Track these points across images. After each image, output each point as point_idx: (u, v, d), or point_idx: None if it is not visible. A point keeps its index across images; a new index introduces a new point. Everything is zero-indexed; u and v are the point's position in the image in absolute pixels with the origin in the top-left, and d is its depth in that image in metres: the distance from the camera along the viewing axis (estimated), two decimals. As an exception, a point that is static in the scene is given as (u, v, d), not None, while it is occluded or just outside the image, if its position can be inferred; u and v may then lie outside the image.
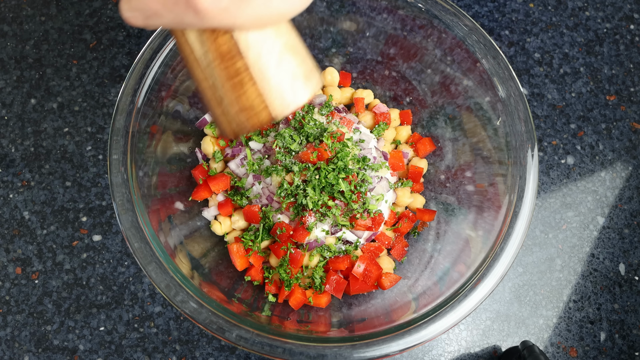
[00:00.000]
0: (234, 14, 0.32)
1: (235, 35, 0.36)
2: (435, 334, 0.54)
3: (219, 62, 0.37)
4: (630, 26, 0.87)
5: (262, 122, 0.39)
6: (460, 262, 0.61)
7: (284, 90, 0.38)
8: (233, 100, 0.39)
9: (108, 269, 0.75)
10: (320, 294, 0.66)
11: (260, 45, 0.37)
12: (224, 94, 0.39)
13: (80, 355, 0.72)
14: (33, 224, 0.76)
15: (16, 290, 0.74)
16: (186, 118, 0.70)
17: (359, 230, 0.65)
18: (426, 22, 0.65)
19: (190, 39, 0.37)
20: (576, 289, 0.76)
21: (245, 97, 0.38)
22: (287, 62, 0.38)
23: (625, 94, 0.84)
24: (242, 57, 0.36)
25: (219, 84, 0.39)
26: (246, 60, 0.37)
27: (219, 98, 0.40)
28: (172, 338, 0.72)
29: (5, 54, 0.83)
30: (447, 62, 0.67)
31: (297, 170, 0.63)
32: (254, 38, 0.36)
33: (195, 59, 0.38)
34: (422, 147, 0.73)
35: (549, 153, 0.81)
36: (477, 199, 0.66)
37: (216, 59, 0.37)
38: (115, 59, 0.82)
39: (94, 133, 0.80)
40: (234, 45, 0.36)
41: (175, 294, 0.54)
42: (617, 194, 0.80)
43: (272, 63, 0.37)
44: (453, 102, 0.69)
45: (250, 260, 0.67)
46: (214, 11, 0.32)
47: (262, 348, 0.52)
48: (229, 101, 0.39)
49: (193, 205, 0.69)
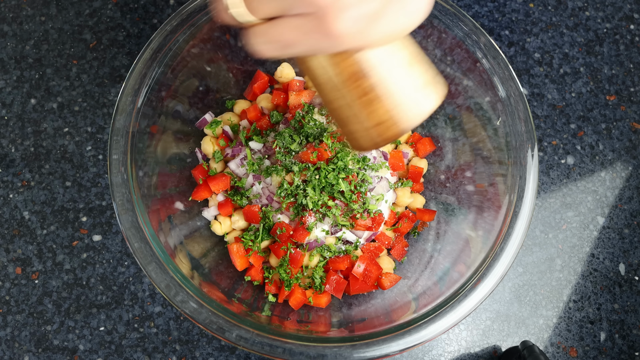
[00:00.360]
0: (366, 35, 0.34)
1: (363, 55, 0.37)
2: (435, 334, 0.54)
3: (348, 83, 0.39)
4: (630, 26, 0.87)
5: (394, 135, 0.41)
6: (460, 262, 0.61)
7: (411, 102, 0.39)
8: (364, 117, 0.40)
9: (108, 269, 0.75)
10: (320, 294, 0.66)
11: (386, 61, 0.38)
12: (355, 112, 0.40)
13: (80, 355, 0.72)
14: (33, 224, 0.76)
15: (16, 290, 0.74)
16: (186, 118, 0.70)
17: (359, 230, 0.65)
18: (426, 22, 0.65)
19: (319, 63, 0.39)
20: (576, 289, 0.76)
21: (375, 113, 0.39)
22: (411, 73, 0.39)
23: (625, 94, 0.84)
24: (370, 76, 0.38)
25: (349, 103, 0.40)
26: (374, 79, 0.38)
27: (350, 116, 0.41)
28: (172, 338, 0.72)
29: (5, 54, 0.83)
30: (447, 62, 0.67)
31: (297, 170, 0.63)
32: (379, 55, 0.37)
33: (324, 82, 0.40)
34: (422, 147, 0.73)
35: (549, 153, 0.81)
36: (477, 199, 0.66)
37: (345, 80, 0.38)
38: (115, 59, 0.82)
39: (94, 133, 0.80)
40: (361, 66, 0.37)
41: (175, 294, 0.54)
42: (617, 194, 0.80)
43: (397, 78, 0.38)
44: (453, 102, 0.69)
45: (250, 260, 0.67)
46: (347, 35, 0.33)
47: (262, 348, 0.52)
48: (361, 118, 0.40)
49: (193, 205, 0.69)
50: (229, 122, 0.72)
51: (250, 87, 0.75)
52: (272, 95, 0.72)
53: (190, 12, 0.62)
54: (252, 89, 0.74)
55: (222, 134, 0.72)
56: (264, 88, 0.75)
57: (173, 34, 0.62)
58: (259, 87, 0.74)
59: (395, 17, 0.34)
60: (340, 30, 0.33)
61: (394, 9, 0.34)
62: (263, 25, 0.35)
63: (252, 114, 0.71)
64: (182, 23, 0.62)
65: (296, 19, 0.33)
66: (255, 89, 0.74)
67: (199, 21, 0.63)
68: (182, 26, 0.62)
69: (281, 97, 0.71)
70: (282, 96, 0.72)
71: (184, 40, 0.62)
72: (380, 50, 0.37)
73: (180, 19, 0.62)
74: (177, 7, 0.85)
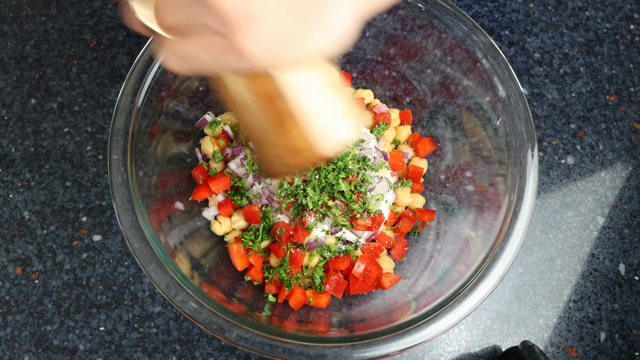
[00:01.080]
0: (276, 55, 0.31)
1: (276, 75, 0.35)
2: (435, 334, 0.54)
3: (257, 102, 0.37)
4: (630, 26, 0.87)
5: (306, 161, 0.39)
6: (460, 262, 0.61)
7: (326, 128, 0.38)
8: (275, 139, 0.38)
9: (108, 269, 0.75)
10: (320, 294, 0.66)
11: (299, 83, 0.36)
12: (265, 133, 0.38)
13: (80, 355, 0.72)
14: (33, 224, 0.76)
15: (16, 290, 0.74)
16: (186, 118, 0.70)
17: (359, 230, 0.65)
18: (426, 22, 0.65)
19: (228, 80, 0.37)
20: (576, 289, 0.76)
21: (286, 135, 0.37)
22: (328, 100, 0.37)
23: (625, 94, 0.84)
24: (281, 96, 0.36)
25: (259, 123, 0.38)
26: (287, 101, 0.36)
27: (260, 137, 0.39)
28: (172, 338, 0.72)
29: (5, 54, 0.83)
30: (447, 62, 0.67)
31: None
32: (292, 77, 0.35)
33: (235, 101, 0.38)
34: (422, 147, 0.73)
35: (549, 153, 0.81)
36: (477, 199, 0.66)
37: (255, 98, 0.36)
38: (115, 59, 0.82)
39: (94, 133, 0.80)
40: (272, 85, 0.35)
41: (175, 294, 0.54)
42: (617, 194, 0.80)
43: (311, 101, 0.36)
44: (453, 102, 0.69)
45: (250, 260, 0.67)
46: (256, 53, 0.30)
47: (262, 348, 0.52)
48: (271, 140, 0.39)
49: (193, 205, 0.69)
50: (229, 122, 0.72)
51: (250, 87, 0.75)
52: (272, 95, 0.72)
53: (190, 12, 0.62)
54: (252, 89, 0.74)
55: (222, 134, 0.72)
56: (264, 88, 0.75)
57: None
58: (259, 87, 0.74)
59: (312, 37, 0.31)
60: (250, 49, 0.30)
61: (311, 29, 0.31)
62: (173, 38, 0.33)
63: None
64: (182, 23, 0.62)
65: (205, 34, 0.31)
66: (255, 89, 0.74)
67: (199, 21, 0.63)
68: (182, 26, 0.62)
69: (281, 97, 0.71)
70: (282, 96, 0.71)
71: (184, 40, 0.62)
72: (297, 73, 0.35)
73: (180, 19, 0.62)
74: (177, 7, 0.85)
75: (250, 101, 0.37)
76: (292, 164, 0.39)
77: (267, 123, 0.37)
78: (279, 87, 0.35)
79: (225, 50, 0.31)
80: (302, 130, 0.37)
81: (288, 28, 0.30)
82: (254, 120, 0.38)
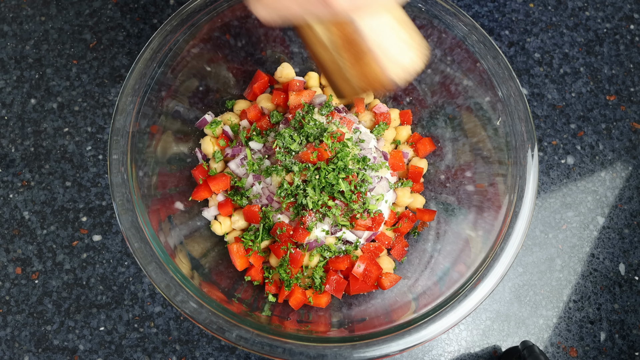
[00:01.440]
0: (359, 4, 0.38)
1: (357, 20, 0.42)
2: (435, 334, 0.54)
3: (342, 44, 0.45)
4: (630, 26, 0.87)
5: (380, 82, 0.47)
6: (460, 262, 0.61)
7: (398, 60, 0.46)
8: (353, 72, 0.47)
9: (108, 269, 0.75)
10: (320, 294, 0.66)
11: (377, 26, 0.43)
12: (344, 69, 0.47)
13: (80, 355, 0.72)
14: (33, 224, 0.76)
15: (16, 290, 0.74)
16: (186, 118, 0.70)
17: (359, 230, 0.65)
18: (426, 22, 0.65)
19: (316, 26, 0.45)
20: (576, 289, 0.76)
21: (364, 65, 0.46)
22: (399, 36, 0.45)
23: (625, 94, 0.84)
24: (362, 38, 0.43)
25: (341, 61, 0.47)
26: (366, 41, 0.43)
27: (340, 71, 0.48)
28: (172, 338, 0.72)
29: (5, 54, 0.83)
30: (447, 62, 0.67)
31: (297, 170, 0.63)
32: (372, 21, 0.43)
33: (320, 42, 0.46)
34: (422, 147, 0.73)
35: (549, 153, 0.81)
36: (477, 199, 0.66)
37: (340, 41, 0.45)
38: (115, 59, 0.82)
39: (94, 133, 0.80)
40: (353, 28, 0.43)
41: (175, 294, 0.54)
42: (617, 194, 0.80)
43: (387, 40, 0.44)
44: (453, 102, 0.69)
45: (250, 260, 0.67)
46: (342, 2, 0.37)
47: (262, 348, 0.52)
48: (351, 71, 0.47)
49: (193, 205, 0.69)
50: (229, 122, 0.72)
51: (250, 87, 0.75)
52: (272, 95, 0.72)
53: (190, 12, 0.62)
54: (252, 89, 0.74)
55: (222, 134, 0.72)
56: (264, 88, 0.75)
57: (173, 34, 0.62)
58: (259, 87, 0.74)
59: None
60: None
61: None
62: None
63: (252, 114, 0.71)
64: (182, 23, 0.62)
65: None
66: (255, 89, 0.74)
67: (199, 21, 0.63)
68: (182, 26, 0.62)
69: (281, 97, 0.71)
70: (282, 96, 0.72)
71: (184, 40, 0.63)
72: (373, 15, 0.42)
73: (180, 19, 0.62)
74: (177, 7, 0.85)
75: (331, 42, 0.45)
76: (369, 87, 0.49)
77: (346, 59, 0.46)
78: (358, 29, 0.43)
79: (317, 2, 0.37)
80: (376, 62, 0.45)
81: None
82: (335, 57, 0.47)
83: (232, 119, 0.72)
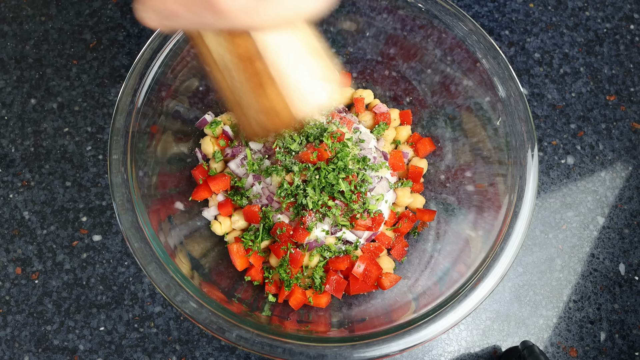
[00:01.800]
0: (253, 14, 0.31)
1: (254, 35, 0.35)
2: (435, 334, 0.54)
3: (237, 63, 0.37)
4: (630, 26, 0.87)
5: (282, 122, 0.39)
6: (460, 262, 0.61)
7: (303, 90, 0.38)
8: (253, 100, 0.39)
9: (108, 269, 0.75)
10: (320, 294, 0.66)
11: (279, 45, 0.36)
12: (243, 95, 0.39)
13: (80, 355, 0.72)
14: (33, 224, 0.76)
15: (16, 290, 0.74)
16: (186, 118, 0.70)
17: (359, 230, 0.65)
18: (426, 22, 0.65)
19: (208, 40, 0.37)
20: (576, 289, 0.76)
21: (264, 97, 0.38)
22: (306, 62, 0.38)
23: (625, 94, 0.84)
24: (260, 58, 0.36)
25: (238, 85, 0.38)
26: (265, 61, 0.36)
27: (238, 98, 0.39)
28: (172, 338, 0.72)
29: (5, 54, 0.83)
30: (447, 62, 0.67)
31: (297, 170, 0.63)
32: (272, 39, 0.36)
33: (214, 60, 0.38)
34: (422, 147, 0.73)
35: (549, 153, 0.81)
36: (477, 199, 0.66)
37: (235, 60, 0.37)
38: (115, 59, 0.82)
39: (94, 133, 0.80)
40: (252, 46, 0.35)
41: (175, 294, 0.54)
42: (617, 194, 0.80)
43: (290, 63, 0.37)
44: (453, 102, 0.69)
45: (250, 260, 0.67)
46: (233, 11, 0.31)
47: (262, 348, 0.52)
48: (249, 102, 0.39)
49: (193, 205, 0.69)
50: (229, 122, 0.72)
51: (250, 87, 0.75)
52: (272, 95, 0.72)
53: (190, 12, 0.62)
54: (252, 89, 0.74)
55: (222, 134, 0.72)
56: (264, 88, 0.75)
57: (173, 34, 0.62)
58: (259, 87, 0.74)
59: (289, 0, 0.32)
60: (229, 7, 0.30)
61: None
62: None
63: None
64: (182, 23, 0.62)
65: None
66: (255, 89, 0.74)
67: (199, 21, 0.63)
68: (182, 26, 0.62)
69: (281, 97, 0.71)
70: (282, 96, 0.71)
71: (184, 40, 0.62)
72: (275, 34, 0.36)
73: (180, 19, 0.62)
74: (177, 7, 0.85)
75: (229, 62, 0.37)
76: (270, 125, 0.40)
77: (246, 85, 0.38)
78: (258, 48, 0.35)
79: (204, 8, 0.31)
80: (280, 92, 0.37)
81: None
82: (234, 82, 0.38)
83: (232, 119, 0.72)
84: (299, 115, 0.38)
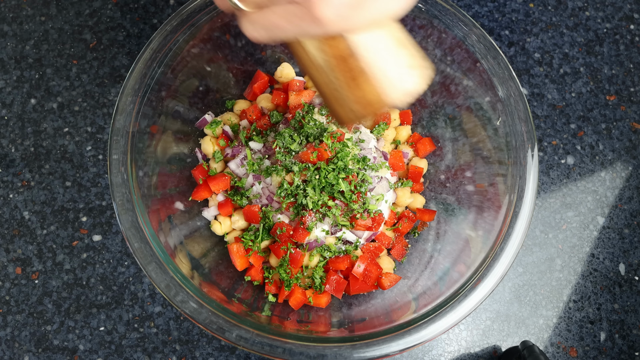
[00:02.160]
0: (348, 20, 0.35)
1: (348, 37, 0.39)
2: (435, 334, 0.54)
3: (332, 62, 0.41)
4: (630, 26, 0.87)
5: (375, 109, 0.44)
6: (460, 262, 0.61)
7: (392, 79, 0.42)
8: (347, 92, 0.43)
9: (108, 269, 0.75)
10: (320, 294, 0.66)
11: (369, 43, 0.40)
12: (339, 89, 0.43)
13: (80, 355, 0.72)
14: (33, 224, 0.76)
15: (16, 290, 0.74)
16: (186, 118, 0.70)
17: (359, 230, 0.65)
18: (426, 22, 0.65)
19: (306, 44, 0.41)
20: (576, 289, 0.76)
21: (357, 89, 0.42)
22: (393, 54, 0.41)
23: (625, 94, 0.84)
24: (353, 55, 0.40)
25: (333, 80, 0.43)
26: (357, 58, 0.40)
27: (334, 92, 0.44)
28: (172, 338, 0.72)
29: (5, 54, 0.83)
30: (447, 62, 0.67)
31: (297, 170, 0.63)
32: (366, 38, 0.40)
33: (311, 61, 0.42)
34: (422, 147, 0.73)
35: (549, 153, 0.81)
36: (477, 199, 0.66)
37: (330, 59, 0.41)
38: (115, 59, 0.82)
39: (94, 133, 0.80)
40: (345, 46, 0.40)
41: (175, 294, 0.54)
42: (617, 194, 0.80)
43: (379, 57, 0.41)
44: (453, 102, 0.69)
45: (250, 260, 0.67)
46: (331, 19, 0.35)
47: (262, 348, 0.52)
48: (344, 94, 0.43)
49: (193, 205, 0.69)
50: (229, 122, 0.72)
51: (250, 87, 0.75)
52: (272, 95, 0.72)
53: (190, 12, 0.62)
54: (252, 89, 0.74)
55: (222, 134, 0.72)
56: (264, 88, 0.75)
57: (173, 34, 0.62)
58: (259, 87, 0.74)
59: (380, 3, 0.36)
60: (325, 16, 0.34)
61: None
62: (255, 12, 0.38)
63: (252, 114, 0.71)
64: (182, 23, 0.62)
65: (285, 6, 0.36)
66: (255, 89, 0.74)
67: (199, 21, 0.63)
68: (182, 26, 0.62)
69: (281, 97, 0.71)
70: (282, 96, 0.72)
71: (184, 40, 0.63)
72: (369, 33, 0.39)
73: (180, 19, 0.62)
74: (177, 7, 0.85)
75: (325, 62, 0.42)
76: (364, 113, 0.45)
77: (341, 80, 0.42)
78: (351, 48, 0.40)
79: (303, 17, 0.35)
80: (372, 83, 0.41)
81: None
82: (329, 78, 0.43)
83: (232, 119, 0.72)
84: (390, 100, 0.43)
